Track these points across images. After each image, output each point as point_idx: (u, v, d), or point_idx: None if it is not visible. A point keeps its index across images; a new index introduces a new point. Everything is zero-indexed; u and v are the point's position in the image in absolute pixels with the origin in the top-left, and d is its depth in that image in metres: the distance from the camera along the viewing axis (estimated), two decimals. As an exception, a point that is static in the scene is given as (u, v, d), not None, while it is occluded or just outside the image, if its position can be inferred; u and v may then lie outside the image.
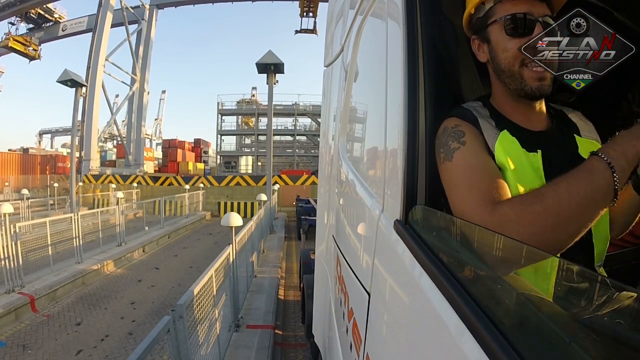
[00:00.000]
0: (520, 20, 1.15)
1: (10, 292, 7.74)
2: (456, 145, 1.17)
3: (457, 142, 1.17)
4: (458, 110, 1.28)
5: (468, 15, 1.31)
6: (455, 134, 1.19)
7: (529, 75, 1.16)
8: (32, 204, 19.85)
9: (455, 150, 1.17)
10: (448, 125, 1.22)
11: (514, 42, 1.16)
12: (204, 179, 27.62)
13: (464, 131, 1.19)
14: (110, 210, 13.93)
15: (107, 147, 52.60)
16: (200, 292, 4.18)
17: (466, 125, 1.21)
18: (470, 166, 1.14)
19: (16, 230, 7.96)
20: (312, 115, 41.02)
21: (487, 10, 1.23)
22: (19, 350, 6.25)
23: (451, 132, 1.20)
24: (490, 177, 1.11)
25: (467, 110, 1.27)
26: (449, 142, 1.19)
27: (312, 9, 31.69)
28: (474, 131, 1.20)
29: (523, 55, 1.12)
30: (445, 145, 1.19)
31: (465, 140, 1.17)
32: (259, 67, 17.28)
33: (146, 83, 38.55)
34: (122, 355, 6.04)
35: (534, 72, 1.15)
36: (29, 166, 35.94)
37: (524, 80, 1.17)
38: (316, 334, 3.16)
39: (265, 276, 9.69)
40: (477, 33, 1.30)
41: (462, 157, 1.15)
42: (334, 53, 2.79)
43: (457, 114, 1.26)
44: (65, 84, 18.86)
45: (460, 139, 1.17)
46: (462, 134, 1.18)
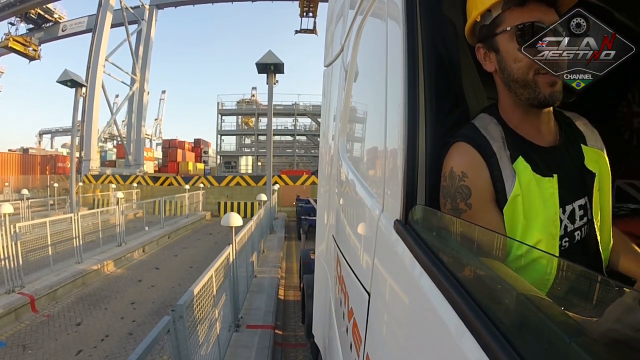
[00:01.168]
0: (533, 29, 1.10)
1: (10, 292, 7.74)
2: (463, 206, 1.16)
3: (464, 203, 1.16)
4: (469, 134, 1.23)
5: (472, 22, 1.26)
6: (461, 192, 1.16)
7: (543, 83, 1.12)
8: (32, 204, 19.83)
9: (462, 212, 1.16)
10: (455, 169, 1.18)
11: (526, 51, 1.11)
12: (204, 179, 27.62)
13: (470, 189, 1.15)
14: (110, 210, 13.94)
15: (107, 147, 52.59)
16: (200, 292, 4.18)
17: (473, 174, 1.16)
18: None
19: (16, 231, 7.96)
20: (312, 115, 41.02)
21: (495, 19, 1.18)
22: (19, 350, 6.25)
23: (458, 186, 1.16)
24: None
25: (483, 137, 1.20)
26: (456, 199, 1.17)
27: (312, 9, 31.69)
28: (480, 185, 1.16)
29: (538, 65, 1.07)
30: (452, 199, 1.17)
31: (471, 202, 1.15)
32: (259, 67, 17.29)
33: (146, 83, 38.55)
34: (122, 356, 6.03)
35: (547, 79, 1.11)
36: (29, 166, 35.92)
37: (538, 88, 1.13)
38: (316, 334, 3.16)
39: (265, 276, 9.69)
40: (483, 41, 1.25)
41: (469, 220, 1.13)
42: (334, 53, 2.80)
43: (468, 139, 1.21)
44: (65, 84, 18.87)
45: (467, 200, 1.15)
46: (469, 194, 1.15)
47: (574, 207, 1.22)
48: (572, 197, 1.22)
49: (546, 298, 0.78)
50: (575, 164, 1.26)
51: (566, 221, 1.20)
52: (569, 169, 1.24)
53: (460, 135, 1.24)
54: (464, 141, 1.21)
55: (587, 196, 1.26)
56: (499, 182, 1.15)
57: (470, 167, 1.17)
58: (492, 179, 1.16)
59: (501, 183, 1.15)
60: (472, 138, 1.21)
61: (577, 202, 1.23)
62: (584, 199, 1.25)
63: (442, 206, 1.21)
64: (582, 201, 1.24)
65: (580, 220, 1.24)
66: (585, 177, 1.26)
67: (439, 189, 1.22)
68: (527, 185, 1.14)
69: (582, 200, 1.24)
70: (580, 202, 1.24)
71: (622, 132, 2.56)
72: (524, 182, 1.14)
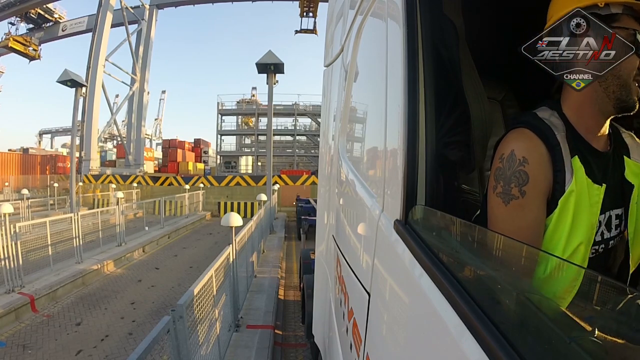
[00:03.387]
0: (630, 37, 1.08)
1: (10, 292, 7.74)
2: (516, 192, 1.14)
3: (518, 189, 1.14)
4: (533, 122, 1.21)
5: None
6: (519, 177, 1.14)
7: (635, 89, 1.13)
8: (32, 204, 19.82)
9: (513, 198, 1.14)
10: (516, 152, 1.16)
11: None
12: (204, 179, 27.60)
13: (529, 175, 1.13)
14: (110, 210, 13.90)
15: (107, 147, 52.57)
16: (200, 292, 4.18)
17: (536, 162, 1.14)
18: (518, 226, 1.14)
19: (16, 230, 7.96)
20: (312, 115, 41.00)
21: (612, 15, 1.13)
22: (19, 350, 6.24)
23: (516, 170, 1.15)
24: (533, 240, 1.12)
25: (545, 125, 1.19)
26: (510, 183, 1.15)
27: (312, 9, 31.68)
28: (540, 175, 1.14)
29: (635, 70, 1.10)
30: (506, 182, 1.16)
31: (526, 190, 1.13)
32: (259, 67, 17.26)
33: (146, 83, 38.53)
34: (122, 355, 6.03)
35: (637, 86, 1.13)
36: (29, 166, 35.93)
37: (631, 93, 1.14)
38: (316, 334, 3.16)
39: (265, 276, 9.69)
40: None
41: (515, 209, 1.14)
42: (334, 53, 2.80)
43: (531, 127, 1.19)
44: (65, 84, 18.84)
45: (522, 187, 1.13)
46: (526, 180, 1.13)
47: (611, 214, 1.24)
48: (611, 206, 1.23)
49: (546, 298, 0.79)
50: (617, 174, 1.28)
51: (603, 228, 1.22)
52: (612, 178, 1.25)
53: (523, 122, 1.23)
54: (527, 128, 1.19)
55: (624, 207, 1.27)
56: (560, 173, 1.14)
57: (533, 154, 1.15)
58: (553, 168, 1.15)
59: (562, 174, 1.14)
60: (536, 126, 1.19)
61: (614, 210, 1.25)
62: (620, 209, 1.27)
63: (490, 187, 1.21)
64: (619, 211, 1.26)
65: (616, 230, 1.26)
66: (625, 188, 1.27)
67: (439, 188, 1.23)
68: (580, 186, 1.14)
69: (619, 210, 1.26)
70: (617, 211, 1.26)
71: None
72: (579, 182, 1.14)
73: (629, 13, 1.12)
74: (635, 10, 1.12)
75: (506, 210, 1.16)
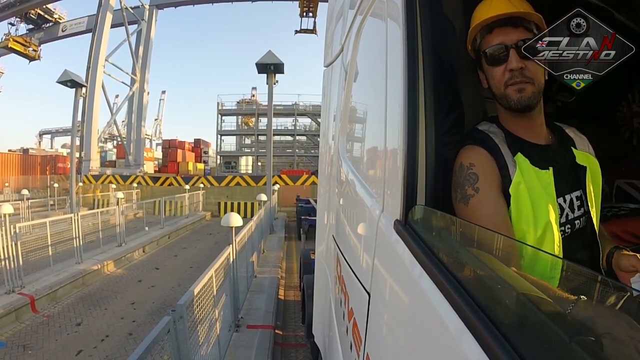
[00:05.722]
0: (496, 51, 1.33)
1: (10, 292, 7.74)
2: (471, 191, 1.30)
3: (472, 187, 1.30)
4: (474, 135, 1.42)
5: (469, 49, 1.48)
6: (470, 178, 1.31)
7: (512, 92, 1.32)
8: (32, 204, 19.84)
9: (470, 197, 1.30)
10: (464, 162, 1.35)
11: (496, 70, 1.34)
12: (204, 179, 27.58)
13: (477, 175, 1.30)
14: (111, 210, 13.88)
15: (107, 148, 52.56)
16: (200, 292, 4.18)
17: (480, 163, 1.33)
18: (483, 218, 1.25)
19: (16, 231, 7.97)
20: (312, 115, 40.98)
21: (478, 44, 1.41)
22: (19, 350, 6.25)
23: (467, 174, 1.32)
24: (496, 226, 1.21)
25: (486, 135, 1.40)
26: (465, 186, 1.31)
27: (311, 8, 31.68)
28: (486, 172, 1.31)
29: (504, 78, 1.32)
30: (461, 188, 1.32)
31: (479, 186, 1.29)
32: (258, 67, 17.25)
33: (146, 83, 38.49)
34: (122, 356, 6.03)
35: (515, 88, 1.31)
36: (29, 167, 35.91)
37: (509, 97, 1.33)
38: (316, 334, 3.15)
39: (266, 276, 9.69)
40: (476, 63, 1.46)
41: (475, 205, 1.29)
42: (333, 53, 2.79)
43: (475, 141, 1.38)
44: (65, 85, 18.88)
45: (475, 185, 1.30)
46: (476, 179, 1.30)
47: (571, 197, 1.39)
48: (569, 189, 1.39)
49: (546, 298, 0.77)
50: (567, 162, 1.44)
51: (567, 209, 1.38)
52: (562, 165, 1.40)
53: (467, 138, 1.43)
54: (470, 143, 1.39)
55: (582, 189, 1.42)
56: (504, 169, 1.32)
57: (477, 157, 1.34)
58: (498, 166, 1.32)
59: (506, 169, 1.31)
60: (477, 138, 1.39)
61: (573, 193, 1.40)
62: (579, 191, 1.42)
63: (454, 200, 1.35)
64: (577, 193, 1.41)
65: (579, 210, 1.41)
66: (578, 171, 1.43)
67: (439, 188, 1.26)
68: (527, 175, 1.29)
69: (577, 192, 1.41)
70: (576, 193, 1.41)
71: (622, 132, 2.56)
72: (525, 172, 1.30)
73: (484, 34, 1.38)
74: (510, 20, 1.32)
75: (468, 209, 1.30)
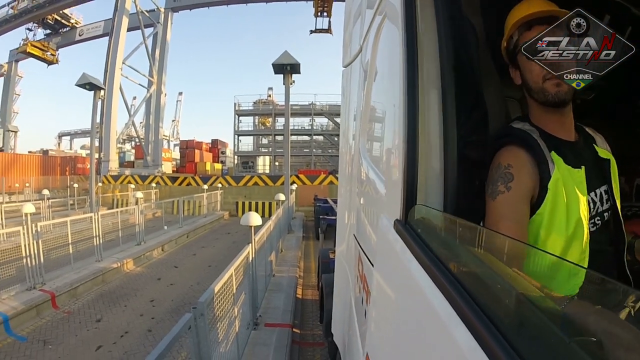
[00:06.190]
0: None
1: (31, 289, 7.86)
2: (502, 188, 1.36)
3: (504, 185, 1.36)
4: (517, 133, 1.46)
5: (503, 47, 1.55)
6: (505, 177, 1.37)
7: (550, 86, 1.36)
8: (53, 204, 20.13)
9: (499, 193, 1.36)
10: (502, 162, 1.40)
11: (534, 64, 1.34)
12: (222, 179, 27.80)
13: (513, 175, 1.35)
14: (130, 210, 14.06)
15: (126, 149, 53.16)
16: (220, 290, 4.20)
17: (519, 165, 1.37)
18: (505, 216, 1.34)
19: (37, 230, 8.10)
20: (329, 115, 40.91)
21: (515, 41, 1.47)
22: (39, 345, 6.33)
23: (503, 172, 1.38)
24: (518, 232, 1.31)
25: (522, 132, 1.45)
26: (497, 182, 1.37)
27: (326, 8, 31.77)
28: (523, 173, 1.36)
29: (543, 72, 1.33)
30: (494, 183, 1.38)
31: (511, 186, 1.35)
32: (275, 67, 17.24)
33: (163, 85, 38.95)
34: (141, 352, 6.06)
35: (553, 82, 1.35)
36: (49, 167, 36.63)
37: (546, 91, 1.38)
38: (335, 332, 3.14)
39: (284, 275, 9.69)
40: (510, 62, 1.52)
41: (501, 202, 1.35)
42: (352, 53, 2.78)
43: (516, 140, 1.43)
44: (84, 87, 19.24)
45: (508, 183, 1.35)
46: (511, 178, 1.35)
47: (600, 191, 1.46)
48: (598, 184, 1.45)
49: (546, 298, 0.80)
50: (593, 157, 1.49)
51: (598, 203, 1.44)
52: (589, 160, 1.46)
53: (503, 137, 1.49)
54: (510, 143, 1.44)
55: (607, 183, 1.48)
56: (544, 164, 1.36)
57: (516, 160, 1.39)
58: (537, 162, 1.36)
59: (545, 165, 1.36)
60: (517, 136, 1.44)
61: (601, 187, 1.46)
62: (605, 185, 1.48)
63: (487, 195, 1.41)
64: (605, 187, 1.47)
65: (607, 203, 1.47)
66: (603, 166, 1.49)
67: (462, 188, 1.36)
68: (563, 173, 1.35)
69: (604, 186, 1.47)
70: (603, 187, 1.47)
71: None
72: (561, 170, 1.36)
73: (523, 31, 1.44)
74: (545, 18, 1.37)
75: (494, 203, 1.37)
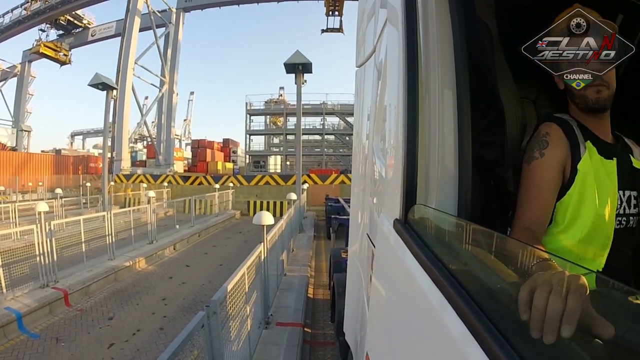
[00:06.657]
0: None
1: (44, 286, 7.91)
2: (537, 154, 1.51)
3: (539, 152, 1.51)
4: (557, 118, 1.59)
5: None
6: (541, 144, 1.52)
7: (590, 92, 1.47)
8: (66, 202, 20.37)
9: (534, 159, 1.51)
10: (541, 130, 1.57)
11: None
12: (234, 178, 27.88)
13: (548, 142, 1.50)
14: (142, 208, 14.13)
15: (138, 148, 53.57)
16: (233, 288, 4.19)
17: (555, 135, 1.52)
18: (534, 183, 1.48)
19: (51, 228, 8.15)
20: (341, 115, 40.66)
21: None
22: (52, 342, 6.36)
23: (540, 139, 1.54)
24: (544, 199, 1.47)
25: (564, 120, 1.58)
26: (534, 148, 1.53)
27: (337, 7, 31.68)
28: (557, 144, 1.50)
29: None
30: (532, 149, 1.54)
31: (545, 153, 1.50)
32: (287, 67, 17.24)
33: (175, 85, 39.09)
34: (153, 350, 6.05)
35: (593, 89, 1.46)
36: (62, 166, 37.03)
37: (587, 97, 1.49)
38: (347, 332, 3.15)
39: (295, 275, 9.66)
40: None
41: (534, 167, 1.51)
42: (366, 53, 2.74)
43: (555, 121, 1.58)
44: (96, 87, 19.42)
45: (542, 150, 1.50)
46: (546, 145, 1.50)
47: (630, 194, 1.50)
48: (627, 186, 1.50)
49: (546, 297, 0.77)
50: (627, 163, 1.55)
51: (625, 203, 1.49)
52: (623, 164, 1.52)
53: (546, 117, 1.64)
54: (548, 121, 1.59)
55: (637, 190, 1.53)
56: (577, 147, 1.48)
57: (553, 131, 1.53)
58: (570, 143, 1.49)
59: (578, 148, 1.48)
60: (555, 118, 1.59)
61: (631, 192, 1.51)
62: (635, 191, 1.52)
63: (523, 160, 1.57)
64: (635, 193, 1.52)
65: (634, 209, 1.51)
66: (636, 175, 1.54)
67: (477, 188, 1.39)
68: (595, 160, 1.45)
69: (635, 192, 1.52)
70: (633, 193, 1.52)
71: None
72: (594, 157, 1.46)
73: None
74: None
75: (528, 168, 1.51)
